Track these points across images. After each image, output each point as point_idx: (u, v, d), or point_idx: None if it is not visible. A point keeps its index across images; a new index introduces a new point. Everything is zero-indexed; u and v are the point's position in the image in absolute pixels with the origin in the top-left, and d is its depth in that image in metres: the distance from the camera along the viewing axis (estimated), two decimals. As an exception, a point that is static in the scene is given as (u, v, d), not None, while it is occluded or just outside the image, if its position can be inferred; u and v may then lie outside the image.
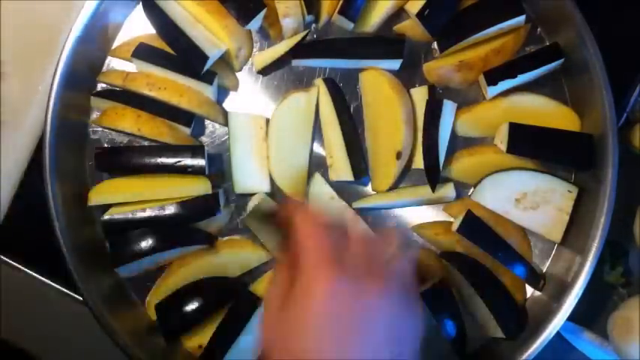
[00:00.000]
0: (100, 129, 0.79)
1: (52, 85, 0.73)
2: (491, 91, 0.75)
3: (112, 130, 0.78)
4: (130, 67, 0.78)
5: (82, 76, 0.77)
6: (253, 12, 0.73)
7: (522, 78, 0.74)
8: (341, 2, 0.75)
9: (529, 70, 0.74)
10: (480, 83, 0.76)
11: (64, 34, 0.74)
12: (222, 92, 0.79)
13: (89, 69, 0.78)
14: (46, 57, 0.77)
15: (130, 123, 0.76)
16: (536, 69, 0.74)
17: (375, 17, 0.77)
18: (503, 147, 0.73)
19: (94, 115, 0.79)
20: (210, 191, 0.75)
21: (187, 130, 0.78)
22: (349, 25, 0.76)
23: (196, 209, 0.75)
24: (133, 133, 0.77)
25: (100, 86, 0.79)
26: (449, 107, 0.75)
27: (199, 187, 0.75)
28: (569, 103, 0.78)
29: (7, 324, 0.80)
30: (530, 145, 0.73)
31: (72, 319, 0.79)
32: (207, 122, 0.80)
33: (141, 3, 0.77)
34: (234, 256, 0.77)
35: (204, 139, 0.80)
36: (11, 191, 0.80)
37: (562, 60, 0.74)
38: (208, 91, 0.76)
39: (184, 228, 0.76)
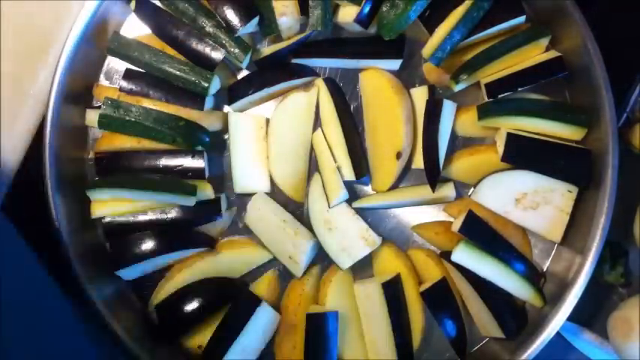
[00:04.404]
0: (99, 131, 0.78)
1: (52, 85, 0.73)
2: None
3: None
4: (130, 66, 0.78)
5: (82, 76, 0.77)
6: (247, 18, 0.73)
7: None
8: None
9: (530, 83, 0.74)
10: (480, 84, 0.76)
11: (60, 35, 0.74)
12: (222, 92, 0.79)
13: (89, 69, 0.78)
14: (41, 58, 0.77)
15: (130, 142, 0.76)
16: (537, 82, 0.74)
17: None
18: (499, 153, 0.74)
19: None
20: (212, 196, 0.75)
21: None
22: (354, 27, 0.76)
23: (198, 213, 0.75)
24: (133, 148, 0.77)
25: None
26: (449, 107, 0.75)
27: (202, 192, 0.74)
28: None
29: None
30: (525, 157, 0.73)
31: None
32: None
33: (133, 11, 0.77)
34: (234, 257, 0.77)
35: (204, 139, 0.80)
36: (5, 191, 0.79)
37: (565, 73, 0.73)
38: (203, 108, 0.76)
39: (185, 231, 0.76)
